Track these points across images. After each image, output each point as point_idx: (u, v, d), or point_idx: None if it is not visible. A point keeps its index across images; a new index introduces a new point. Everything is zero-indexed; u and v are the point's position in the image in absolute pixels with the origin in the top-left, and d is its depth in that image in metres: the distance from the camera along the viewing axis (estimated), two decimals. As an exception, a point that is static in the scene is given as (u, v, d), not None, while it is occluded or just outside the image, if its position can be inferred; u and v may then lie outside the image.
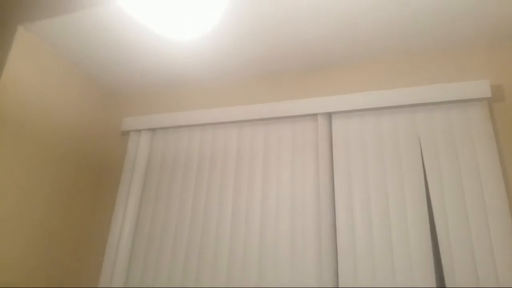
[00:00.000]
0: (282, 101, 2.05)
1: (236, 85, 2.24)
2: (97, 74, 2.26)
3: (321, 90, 2.04)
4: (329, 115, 1.96)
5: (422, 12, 1.64)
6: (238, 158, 2.06)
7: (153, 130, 2.30)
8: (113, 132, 2.38)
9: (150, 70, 2.20)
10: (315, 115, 1.98)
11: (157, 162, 2.23)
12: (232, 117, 2.10)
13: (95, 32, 1.86)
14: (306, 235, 1.79)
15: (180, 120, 2.20)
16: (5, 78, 1.75)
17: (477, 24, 1.70)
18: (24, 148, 1.83)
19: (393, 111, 1.86)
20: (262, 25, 1.77)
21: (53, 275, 1.93)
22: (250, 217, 1.91)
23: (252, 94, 2.18)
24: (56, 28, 1.84)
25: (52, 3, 1.77)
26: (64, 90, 2.09)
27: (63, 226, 2.03)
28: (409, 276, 1.59)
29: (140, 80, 2.33)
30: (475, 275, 1.51)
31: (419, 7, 1.61)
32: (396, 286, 1.59)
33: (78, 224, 2.13)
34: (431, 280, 1.55)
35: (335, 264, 1.70)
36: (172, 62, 2.11)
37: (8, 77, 1.76)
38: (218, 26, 1.79)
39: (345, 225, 1.75)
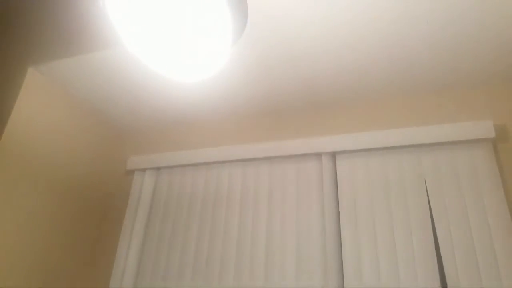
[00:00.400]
0: (286, 140, 2.06)
1: (240, 123, 2.26)
2: (104, 113, 2.30)
3: (325, 128, 2.06)
4: (333, 155, 1.97)
5: (425, 52, 1.67)
6: (242, 197, 2.05)
7: (158, 169, 2.30)
8: (118, 171, 2.38)
9: (155, 109, 2.23)
10: (319, 154, 1.98)
11: (161, 201, 2.21)
12: (236, 156, 2.11)
13: (102, 73, 1.91)
14: (313, 277, 1.75)
15: (185, 159, 2.21)
16: (14, 119, 1.78)
17: (480, 64, 1.73)
18: (30, 185, 1.83)
19: (398, 151, 1.86)
20: (265, 65, 1.81)
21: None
22: (254, 257, 1.88)
23: (256, 133, 2.20)
24: (64, 68, 1.89)
25: (62, 45, 1.83)
26: (71, 129, 2.11)
27: (64, 263, 1.99)
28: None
29: (146, 119, 2.36)
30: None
31: (421, 46, 1.64)
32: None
33: (80, 262, 2.09)
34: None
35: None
36: (178, 101, 2.14)
37: (16, 117, 1.79)
38: (222, 66, 1.83)
39: (352, 265, 1.71)
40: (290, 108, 2.16)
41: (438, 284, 1.57)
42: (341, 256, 1.75)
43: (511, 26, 1.51)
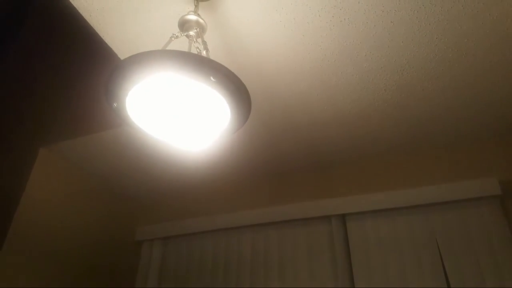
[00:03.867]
0: (294, 203, 2.06)
1: (247, 189, 2.27)
2: (113, 187, 2.33)
3: (333, 191, 2.06)
4: (343, 217, 1.96)
5: (428, 113, 1.72)
6: (253, 263, 2.02)
7: (166, 238, 2.29)
8: (127, 242, 2.37)
9: (162, 180, 2.26)
10: (329, 217, 1.98)
11: (170, 271, 2.18)
12: (244, 222, 2.10)
13: (110, 149, 1.97)
14: None
15: (192, 227, 2.21)
16: (27, 197, 1.81)
17: (481, 122, 1.78)
18: (42, 260, 1.84)
19: (408, 211, 1.87)
20: (269, 132, 1.86)
21: None
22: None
23: (264, 198, 2.20)
24: (74, 147, 1.94)
25: (71, 126, 1.89)
26: (81, 204, 2.13)
27: None
28: None
29: (153, 190, 2.38)
30: None
31: (424, 108, 1.69)
32: None
33: None
34: None
35: None
36: (184, 171, 2.17)
37: (29, 195, 1.82)
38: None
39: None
40: (297, 172, 2.19)
41: None
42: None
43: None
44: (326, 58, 1.43)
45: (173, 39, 1.10)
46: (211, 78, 0.95)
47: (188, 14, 1.11)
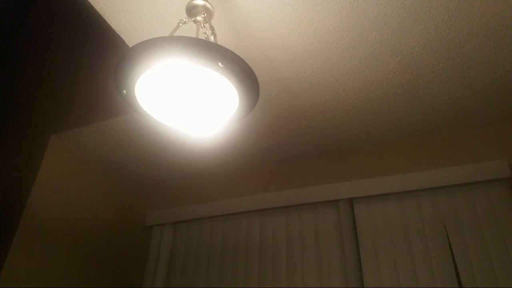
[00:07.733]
0: (303, 188, 2.07)
1: (256, 174, 2.28)
2: (122, 173, 2.35)
3: (341, 175, 2.07)
4: (351, 201, 1.97)
5: (436, 95, 1.71)
6: (261, 247, 2.04)
7: (175, 223, 2.32)
8: (137, 227, 2.41)
9: (171, 165, 2.28)
10: (336, 201, 1.99)
11: (180, 256, 2.22)
12: (253, 206, 2.12)
13: (120, 136, 1.98)
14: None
15: (201, 212, 2.23)
16: (38, 183, 1.84)
17: (494, 104, 1.75)
18: (52, 246, 1.88)
19: (416, 195, 1.86)
20: (277, 119, 1.86)
21: None
22: (278, 312, 1.85)
23: (272, 182, 2.21)
24: (85, 134, 1.96)
25: (81, 113, 1.91)
26: (91, 190, 2.16)
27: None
28: None
29: (163, 176, 2.40)
30: None
31: (432, 89, 1.67)
32: None
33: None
34: None
35: None
36: (193, 156, 2.19)
37: (41, 181, 1.85)
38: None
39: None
40: (305, 157, 2.19)
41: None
42: (367, 305, 1.72)
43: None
44: (335, 42, 1.42)
45: (180, 24, 1.10)
46: (219, 64, 0.95)
47: (195, -1, 1.10)
